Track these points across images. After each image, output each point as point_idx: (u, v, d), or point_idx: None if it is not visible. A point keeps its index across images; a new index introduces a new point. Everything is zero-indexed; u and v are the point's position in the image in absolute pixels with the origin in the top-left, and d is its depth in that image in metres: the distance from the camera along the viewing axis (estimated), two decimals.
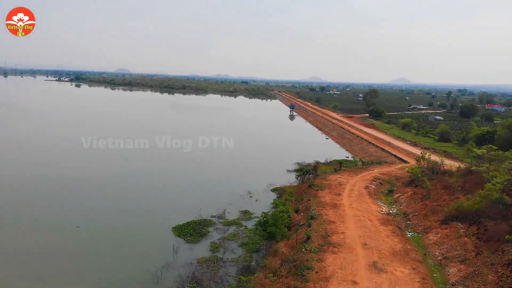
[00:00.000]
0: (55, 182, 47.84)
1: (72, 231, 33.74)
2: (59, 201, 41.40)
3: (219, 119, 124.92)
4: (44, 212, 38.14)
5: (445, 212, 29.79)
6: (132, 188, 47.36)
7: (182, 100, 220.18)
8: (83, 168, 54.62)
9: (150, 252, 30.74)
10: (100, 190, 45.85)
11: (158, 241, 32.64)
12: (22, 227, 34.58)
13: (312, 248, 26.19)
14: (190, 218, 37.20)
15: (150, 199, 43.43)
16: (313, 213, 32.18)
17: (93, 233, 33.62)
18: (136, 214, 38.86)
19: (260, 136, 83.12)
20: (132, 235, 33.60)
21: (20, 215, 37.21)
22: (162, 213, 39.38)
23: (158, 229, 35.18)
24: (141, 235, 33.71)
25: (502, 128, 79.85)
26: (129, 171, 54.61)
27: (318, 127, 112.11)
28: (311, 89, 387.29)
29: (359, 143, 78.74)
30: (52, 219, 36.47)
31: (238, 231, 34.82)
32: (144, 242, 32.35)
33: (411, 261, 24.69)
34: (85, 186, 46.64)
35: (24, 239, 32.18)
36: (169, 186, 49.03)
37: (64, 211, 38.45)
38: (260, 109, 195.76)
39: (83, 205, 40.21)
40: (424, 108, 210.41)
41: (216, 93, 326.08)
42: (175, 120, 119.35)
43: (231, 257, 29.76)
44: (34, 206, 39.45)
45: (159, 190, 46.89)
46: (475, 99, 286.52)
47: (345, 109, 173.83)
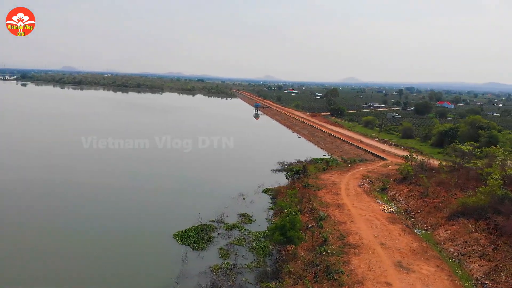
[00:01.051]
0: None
1: (70, 242, 31.31)
2: (41, 210, 38.35)
3: (187, 120, 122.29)
4: (27, 223, 35.12)
5: (451, 209, 30.72)
6: (121, 193, 45.00)
7: (141, 100, 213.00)
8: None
9: (158, 262, 29.08)
10: (85, 196, 42.97)
11: (163, 250, 31.02)
12: (20, 237, 31.98)
13: (333, 251, 25.95)
14: (188, 223, 35.77)
15: (143, 204, 41.32)
16: (321, 214, 32.00)
17: (93, 244, 31.34)
18: (131, 221, 36.77)
19: (235, 136, 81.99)
20: (134, 244, 31.68)
21: (16, 223, 34.43)
22: (158, 219, 37.56)
23: (159, 237, 33.45)
24: (143, 244, 31.87)
25: (465, 125, 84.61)
26: (115, 176, 51.77)
27: (287, 126, 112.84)
28: (269, 87, 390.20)
29: (333, 142, 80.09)
30: (43, 231, 33.63)
31: (242, 235, 33.90)
32: (149, 252, 30.59)
33: (431, 259, 25.15)
34: (66, 192, 43.62)
35: (19, 252, 29.46)
36: (159, 190, 46.84)
37: (54, 219, 35.67)
38: (225, 108, 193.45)
39: (78, 212, 37.59)
40: (380, 106, 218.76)
41: (173, 91, 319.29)
42: (142, 120, 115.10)
43: (244, 263, 28.86)
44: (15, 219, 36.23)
45: (150, 195, 44.70)
46: (425, 96, 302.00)
47: (306, 108, 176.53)
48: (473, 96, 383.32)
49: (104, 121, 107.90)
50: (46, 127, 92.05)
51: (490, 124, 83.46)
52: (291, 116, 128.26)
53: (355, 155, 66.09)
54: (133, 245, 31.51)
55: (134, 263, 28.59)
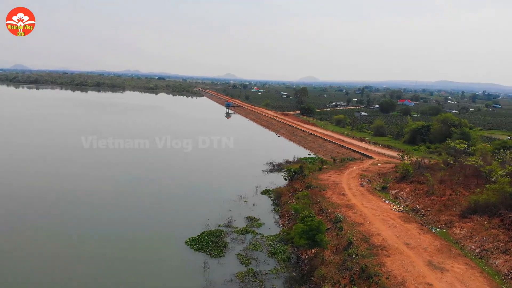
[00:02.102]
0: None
1: (82, 254, 29.27)
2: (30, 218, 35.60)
3: (161, 120, 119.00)
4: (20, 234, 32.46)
5: (463, 206, 31.60)
6: (120, 200, 42.74)
7: (106, 99, 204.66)
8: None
9: (179, 271, 27.88)
10: (89, 202, 40.46)
11: (181, 259, 29.75)
12: (32, 242, 29.76)
13: (363, 253, 25.88)
14: (196, 228, 34.68)
15: (145, 211, 39.50)
16: (338, 215, 31.93)
17: (106, 253, 29.50)
18: (138, 228, 35.02)
19: (218, 137, 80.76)
20: (150, 254, 30.16)
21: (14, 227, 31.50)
22: (164, 226, 36.00)
23: (171, 244, 32.10)
24: (158, 253, 30.39)
25: (437, 123, 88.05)
26: (108, 182, 49.04)
27: (264, 125, 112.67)
28: (234, 86, 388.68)
29: (315, 141, 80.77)
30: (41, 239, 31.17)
31: (256, 240, 33.18)
32: (166, 261, 29.20)
33: (458, 257, 25.69)
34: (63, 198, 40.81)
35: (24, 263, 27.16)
36: (158, 195, 45.10)
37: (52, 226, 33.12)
38: (194, 107, 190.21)
39: (81, 219, 35.23)
40: (345, 104, 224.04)
41: (135, 90, 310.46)
42: (110, 121, 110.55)
43: (267, 268, 28.22)
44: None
45: (150, 201, 42.89)
46: (385, 95, 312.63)
47: (275, 107, 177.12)
48: (428, 94, 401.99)
49: (77, 122, 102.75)
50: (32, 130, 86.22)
51: (461, 122, 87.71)
52: (265, 115, 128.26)
53: (340, 154, 66.93)
54: (149, 255, 29.97)
55: (155, 274, 27.11)
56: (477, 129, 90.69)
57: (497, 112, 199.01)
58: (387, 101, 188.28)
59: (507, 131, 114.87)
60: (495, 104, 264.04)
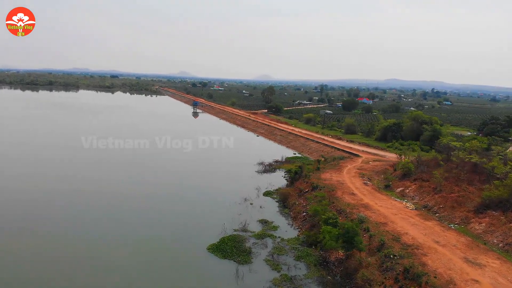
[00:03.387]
0: None
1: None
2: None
3: (133, 120, 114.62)
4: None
5: (476, 202, 32.93)
6: (128, 205, 40.84)
7: (64, 99, 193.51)
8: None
9: (213, 281, 26.82)
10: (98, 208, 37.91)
11: (209, 267, 28.61)
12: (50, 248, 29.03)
13: (400, 253, 26.14)
14: (211, 234, 33.67)
15: (155, 216, 37.99)
16: (361, 216, 32.12)
17: (130, 264, 27.73)
18: (154, 234, 33.67)
19: (198, 137, 79.15)
20: (175, 262, 28.97)
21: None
22: (179, 231, 34.79)
23: (193, 251, 31.02)
24: (183, 261, 29.28)
25: (409, 120, 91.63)
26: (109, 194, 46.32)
27: (238, 125, 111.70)
28: (193, 84, 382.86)
29: (296, 140, 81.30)
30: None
31: (278, 244, 32.59)
32: (194, 270, 28.11)
33: (488, 252, 26.65)
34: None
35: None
36: (162, 199, 43.56)
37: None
38: (159, 107, 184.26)
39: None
40: (308, 103, 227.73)
41: (90, 88, 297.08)
42: (78, 122, 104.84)
43: (300, 273, 27.80)
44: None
45: (158, 205, 41.33)
46: (343, 93, 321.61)
47: (242, 106, 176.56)
48: (382, 92, 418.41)
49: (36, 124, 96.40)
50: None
51: (432, 119, 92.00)
52: (237, 115, 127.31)
53: (325, 153, 67.72)
54: (175, 264, 28.72)
55: (190, 286, 25.89)
56: (447, 126, 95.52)
57: (450, 109, 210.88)
58: (349, 100, 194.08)
59: (465, 126, 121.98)
60: (446, 101, 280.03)
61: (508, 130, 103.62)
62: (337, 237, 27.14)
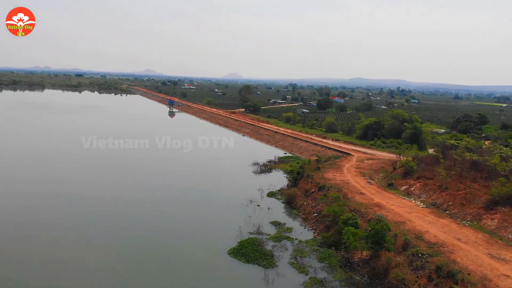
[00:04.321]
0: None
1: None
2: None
3: (114, 121, 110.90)
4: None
5: (485, 199, 34.05)
6: (139, 210, 39.63)
7: (34, 99, 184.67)
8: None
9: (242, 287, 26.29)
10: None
11: (236, 272, 28.14)
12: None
13: (428, 252, 26.59)
14: (227, 237, 33.27)
15: (167, 218, 37.35)
16: (379, 216, 32.39)
17: (154, 272, 26.72)
18: (170, 239, 33.05)
19: (184, 137, 77.70)
20: (198, 267, 28.30)
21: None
22: (194, 235, 34.36)
23: (214, 256, 30.52)
24: (207, 266, 28.63)
25: (390, 118, 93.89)
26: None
27: (221, 124, 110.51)
28: (163, 83, 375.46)
29: (284, 139, 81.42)
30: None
31: (297, 246, 32.38)
32: (221, 275, 27.52)
33: (508, 247, 27.58)
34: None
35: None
36: (168, 203, 42.61)
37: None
38: (133, 106, 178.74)
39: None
40: (283, 102, 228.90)
41: (56, 88, 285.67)
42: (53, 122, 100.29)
43: (329, 275, 27.75)
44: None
45: (167, 209, 40.71)
46: (315, 92, 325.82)
47: (218, 105, 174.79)
48: (351, 91, 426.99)
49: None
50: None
51: (412, 117, 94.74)
52: (218, 114, 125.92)
53: (316, 152, 68.06)
54: (198, 269, 28.03)
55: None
56: (427, 124, 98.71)
57: (418, 107, 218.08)
58: (324, 98, 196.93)
59: (437, 124, 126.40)
60: (413, 99, 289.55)
61: (480, 127, 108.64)
62: (366, 238, 27.27)
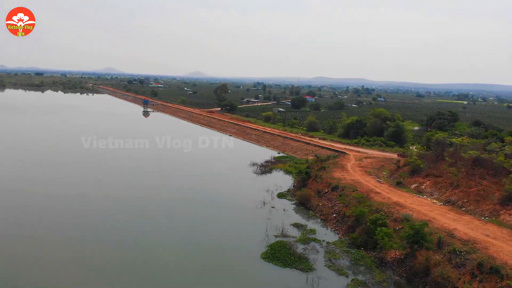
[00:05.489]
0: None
1: None
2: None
3: (84, 121, 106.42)
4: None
5: (499, 195, 35.47)
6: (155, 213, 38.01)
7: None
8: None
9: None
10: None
11: (275, 277, 27.80)
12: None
13: (465, 249, 27.31)
14: (254, 240, 33.06)
15: (191, 228, 35.98)
16: (405, 215, 33.03)
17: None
18: (202, 243, 32.46)
19: (173, 138, 76.00)
20: (236, 273, 27.69)
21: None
22: (220, 239, 33.69)
23: (248, 260, 30.21)
24: (244, 272, 28.21)
25: (373, 117, 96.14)
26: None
27: (203, 124, 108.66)
28: (129, 81, 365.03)
29: (274, 139, 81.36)
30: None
31: (327, 248, 32.42)
32: (261, 282, 27.01)
33: None
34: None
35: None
36: (186, 207, 41.47)
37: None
38: (105, 106, 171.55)
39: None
40: (256, 101, 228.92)
41: (17, 87, 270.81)
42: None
43: (368, 276, 27.99)
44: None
45: (184, 211, 39.87)
46: (285, 91, 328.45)
47: (193, 104, 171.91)
48: (317, 90, 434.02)
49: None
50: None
51: (394, 116, 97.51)
52: (199, 114, 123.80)
53: (310, 151, 68.73)
54: (237, 275, 27.45)
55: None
56: (408, 122, 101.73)
57: (385, 105, 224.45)
58: (298, 97, 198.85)
59: (409, 121, 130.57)
60: (379, 97, 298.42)
61: (453, 124, 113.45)
62: (407, 238, 27.68)
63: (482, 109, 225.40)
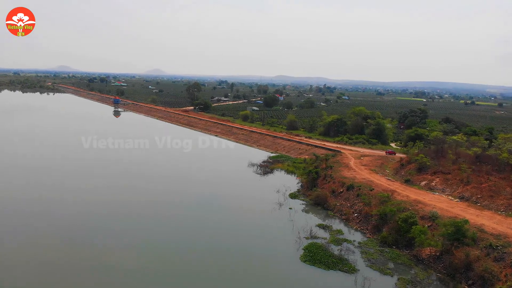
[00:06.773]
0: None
1: None
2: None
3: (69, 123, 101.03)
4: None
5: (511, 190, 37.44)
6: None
7: None
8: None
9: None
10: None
11: (323, 280, 27.93)
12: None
13: (500, 243, 28.57)
14: (285, 242, 33.22)
15: (220, 232, 35.40)
16: (433, 212, 34.02)
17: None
18: (238, 248, 31.53)
19: (169, 140, 74.24)
20: (279, 279, 27.39)
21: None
22: (250, 242, 33.50)
23: (287, 263, 30.16)
24: (289, 277, 27.89)
25: (354, 115, 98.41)
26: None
27: (184, 124, 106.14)
28: (90, 80, 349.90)
29: (263, 138, 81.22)
30: None
31: (360, 248, 32.85)
32: (311, 285, 27.01)
33: None
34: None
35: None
36: (196, 209, 40.25)
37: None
38: (72, 106, 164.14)
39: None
40: (226, 99, 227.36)
41: None
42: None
43: (411, 274, 28.71)
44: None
45: (207, 216, 38.80)
46: (254, 90, 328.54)
47: (164, 103, 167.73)
48: (282, 88, 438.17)
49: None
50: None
51: (374, 114, 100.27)
52: (176, 114, 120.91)
53: (304, 150, 69.30)
54: (283, 280, 27.15)
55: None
56: (388, 120, 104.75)
57: (351, 103, 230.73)
58: (270, 96, 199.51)
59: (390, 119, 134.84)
60: (343, 95, 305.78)
61: (425, 121, 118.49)
62: (448, 235, 28.57)
63: (442, 106, 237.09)
